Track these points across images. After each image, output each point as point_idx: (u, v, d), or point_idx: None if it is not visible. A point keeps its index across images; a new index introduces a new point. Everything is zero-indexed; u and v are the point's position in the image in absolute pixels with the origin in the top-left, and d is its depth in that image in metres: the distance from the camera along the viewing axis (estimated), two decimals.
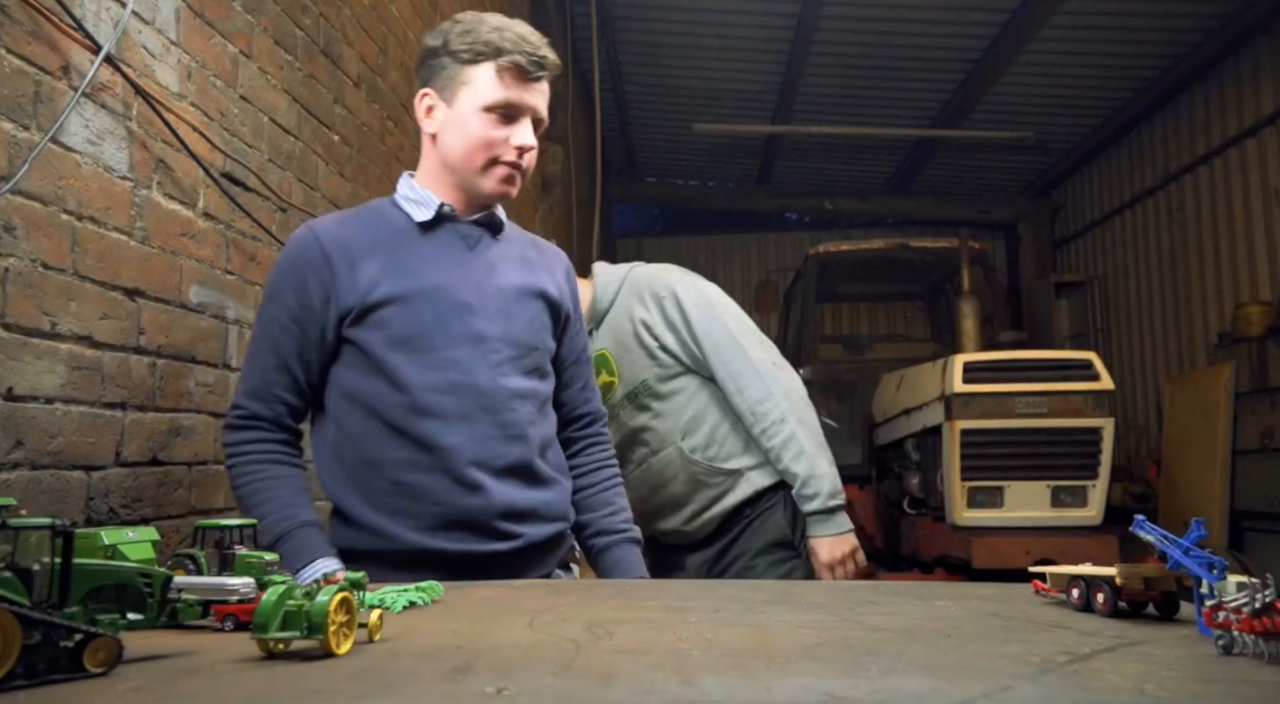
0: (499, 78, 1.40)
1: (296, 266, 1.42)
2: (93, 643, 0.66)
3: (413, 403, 1.38)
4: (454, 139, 1.44)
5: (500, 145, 1.42)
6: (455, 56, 1.42)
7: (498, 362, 1.43)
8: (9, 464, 1.29)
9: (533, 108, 1.44)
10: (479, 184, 1.45)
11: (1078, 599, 0.95)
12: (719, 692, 0.59)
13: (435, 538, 1.37)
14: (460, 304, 1.42)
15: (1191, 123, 6.49)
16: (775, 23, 6.16)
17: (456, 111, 1.43)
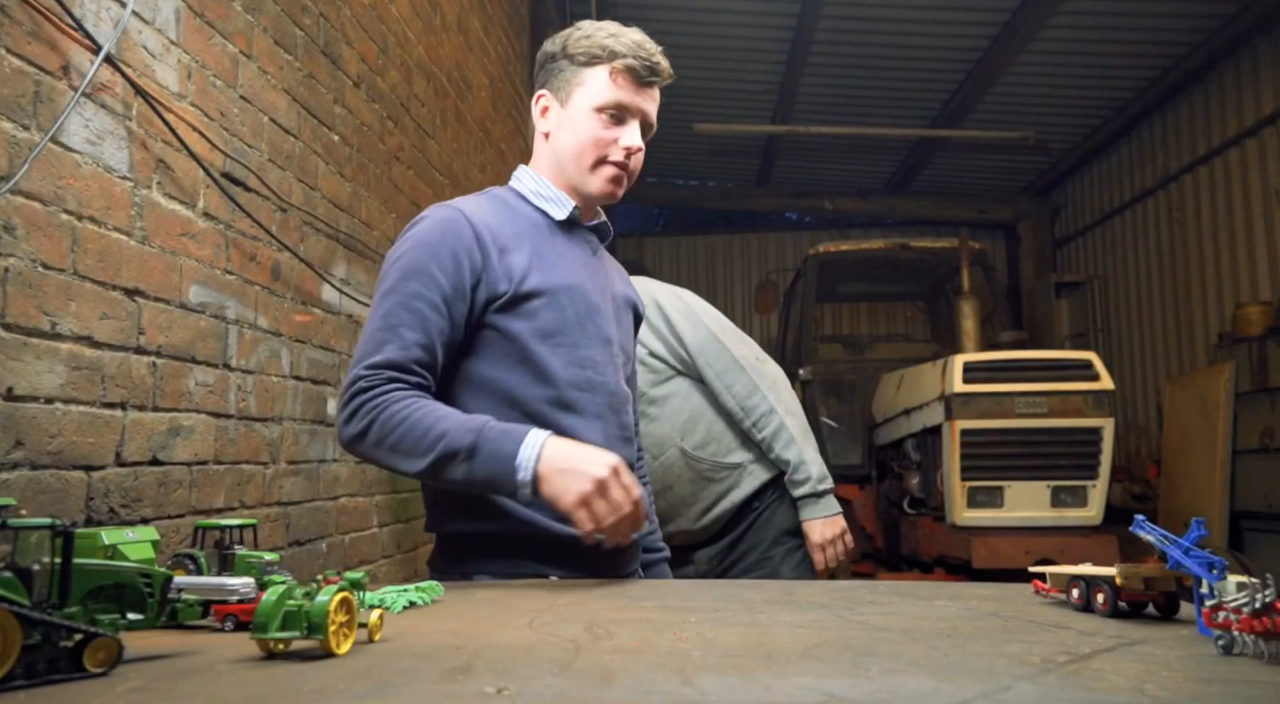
0: (612, 80, 1.45)
1: (451, 245, 1.35)
2: (93, 643, 0.66)
3: (558, 396, 1.40)
4: (566, 137, 1.48)
5: (609, 145, 1.46)
6: (572, 59, 1.47)
7: (618, 365, 1.50)
8: (9, 464, 1.29)
9: (643, 111, 1.48)
10: (587, 183, 1.48)
11: (1078, 599, 0.95)
12: (719, 692, 0.59)
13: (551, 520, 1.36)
14: (593, 306, 1.46)
15: (1191, 123, 6.49)
16: (775, 23, 6.16)
17: (570, 111, 1.47)
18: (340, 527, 2.55)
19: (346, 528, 2.60)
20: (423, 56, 3.38)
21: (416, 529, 3.27)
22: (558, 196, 1.50)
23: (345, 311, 2.61)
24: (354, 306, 2.67)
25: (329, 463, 2.48)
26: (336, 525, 2.52)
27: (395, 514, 3.03)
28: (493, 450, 1.22)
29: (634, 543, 1.49)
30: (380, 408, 1.26)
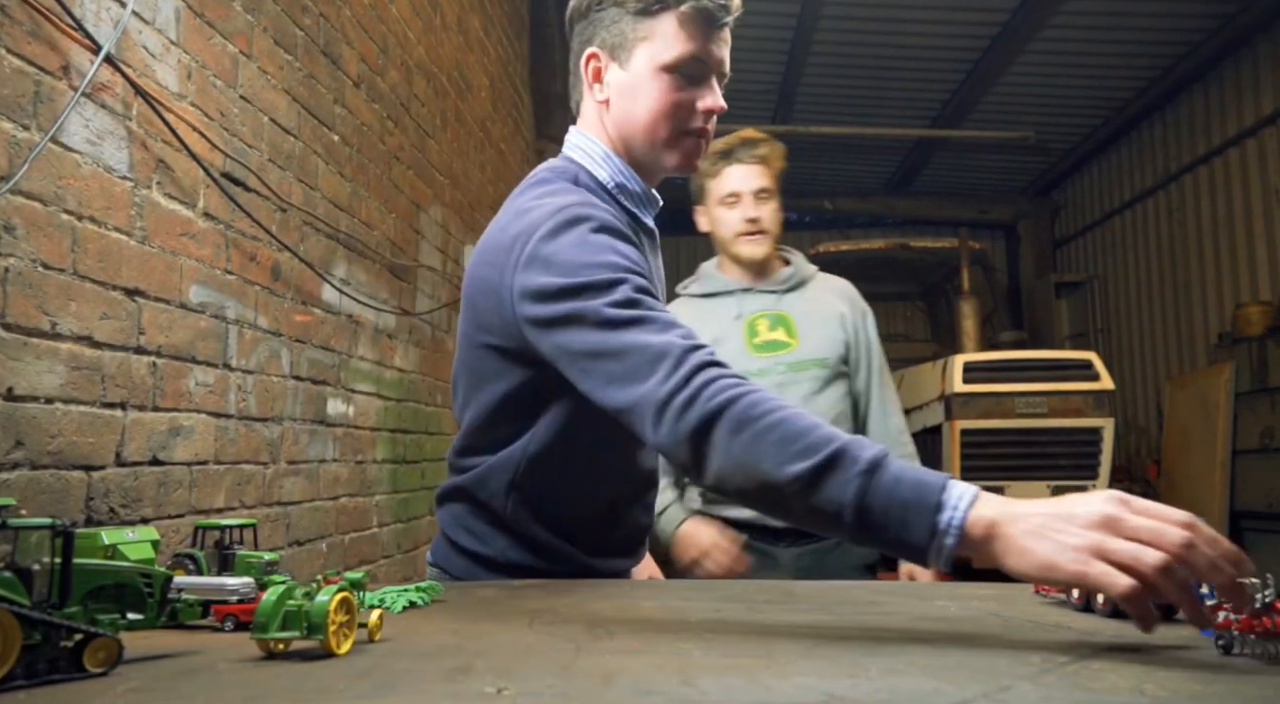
0: (682, 29, 1.17)
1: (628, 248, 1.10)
2: (93, 643, 0.66)
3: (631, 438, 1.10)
4: (632, 107, 1.21)
5: (688, 112, 1.20)
6: (624, 6, 1.20)
7: None
8: (9, 464, 1.29)
9: (720, 61, 1.21)
10: (662, 159, 1.24)
11: (1078, 599, 0.95)
12: (719, 692, 0.59)
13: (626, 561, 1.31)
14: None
15: (1191, 123, 6.49)
16: (775, 22, 6.16)
17: (633, 74, 1.20)
18: (340, 527, 2.55)
19: (346, 528, 2.60)
20: (423, 56, 3.38)
21: (416, 529, 3.27)
22: (644, 193, 1.26)
23: (345, 311, 2.61)
24: (354, 307, 2.67)
25: (329, 463, 2.48)
26: (336, 525, 2.52)
27: (395, 514, 3.03)
28: (903, 474, 0.84)
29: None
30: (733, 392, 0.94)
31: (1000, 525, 0.79)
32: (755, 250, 2.12)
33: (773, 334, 2.14)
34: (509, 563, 1.25)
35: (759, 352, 2.11)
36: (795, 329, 2.14)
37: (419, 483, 3.29)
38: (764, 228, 2.11)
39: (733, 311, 2.16)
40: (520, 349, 1.12)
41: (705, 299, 2.22)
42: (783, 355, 2.11)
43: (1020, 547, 0.78)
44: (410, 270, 3.23)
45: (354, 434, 2.66)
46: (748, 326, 2.14)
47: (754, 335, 2.13)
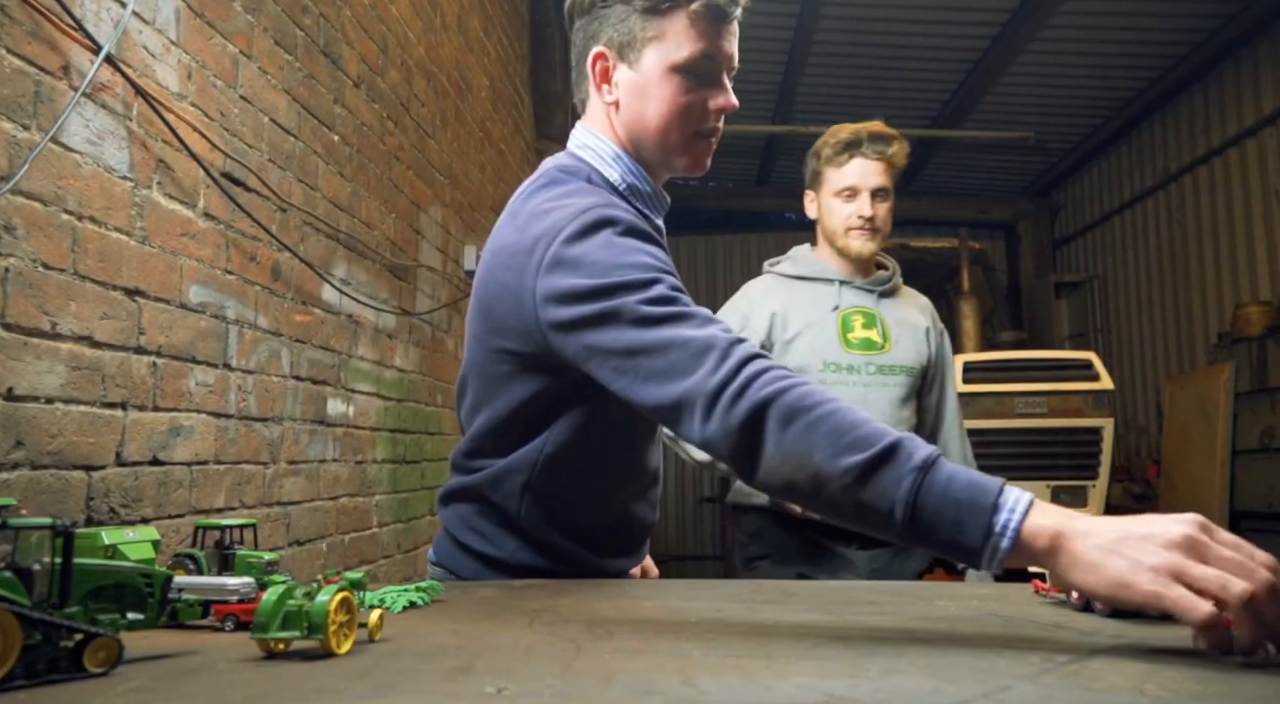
0: (693, 27, 1.14)
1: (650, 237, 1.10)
2: (93, 643, 0.66)
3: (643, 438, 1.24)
4: (644, 108, 1.18)
5: (700, 113, 1.17)
6: (632, 4, 1.16)
7: None
8: (9, 464, 1.29)
9: (730, 57, 1.18)
10: (673, 161, 1.21)
11: (1078, 599, 0.95)
12: (719, 692, 0.59)
13: (625, 561, 1.31)
14: None
15: (1191, 123, 6.49)
16: (775, 22, 6.16)
17: (643, 74, 1.17)
18: (340, 527, 2.55)
19: (346, 528, 2.60)
20: (423, 57, 3.38)
21: (416, 529, 3.27)
22: (655, 194, 1.24)
23: (345, 311, 2.61)
24: (354, 307, 2.67)
25: (329, 463, 2.48)
26: (336, 525, 2.52)
27: (395, 514, 3.03)
28: (957, 474, 0.83)
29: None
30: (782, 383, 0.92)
31: (1067, 538, 0.77)
32: (865, 246, 2.08)
33: (866, 332, 2.09)
34: (518, 565, 1.24)
35: (852, 348, 2.07)
36: (889, 332, 2.11)
37: (419, 483, 3.29)
38: (877, 226, 2.08)
39: (830, 301, 2.11)
40: (539, 353, 1.09)
41: (800, 281, 2.17)
42: (875, 356, 2.07)
43: (1090, 561, 0.75)
44: (410, 270, 3.23)
45: (354, 434, 2.66)
46: (842, 320, 2.09)
47: (848, 330, 2.08)
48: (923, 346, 2.14)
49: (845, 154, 2.07)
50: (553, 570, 1.24)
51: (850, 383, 2.03)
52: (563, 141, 1.29)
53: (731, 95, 1.18)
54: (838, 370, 2.05)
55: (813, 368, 2.04)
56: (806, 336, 2.06)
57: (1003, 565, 0.80)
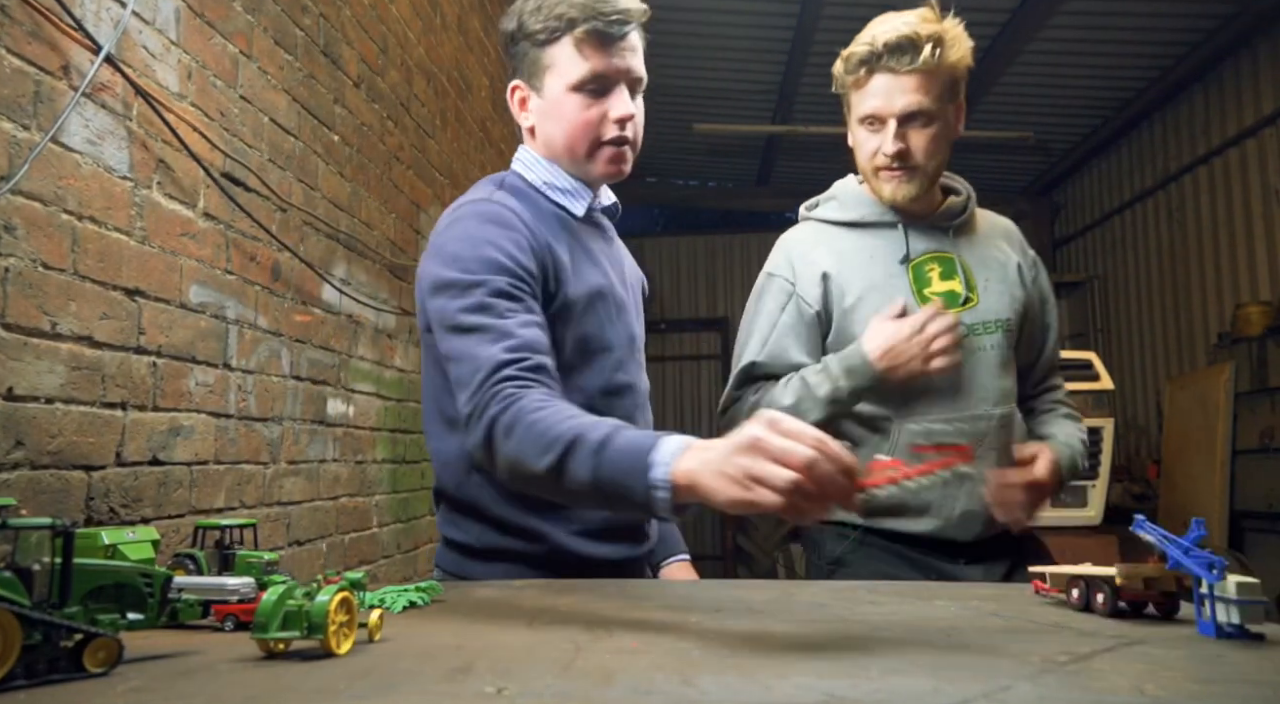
0: (579, 51, 1.27)
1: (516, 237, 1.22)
2: (93, 643, 0.66)
3: (589, 404, 1.19)
4: (552, 128, 1.32)
5: (599, 124, 1.29)
6: (532, 39, 1.30)
7: (641, 362, 1.40)
8: (9, 464, 1.29)
9: (624, 71, 1.29)
10: (588, 170, 1.34)
11: (1078, 599, 0.95)
12: (719, 692, 0.59)
13: (602, 545, 1.30)
14: (621, 304, 1.35)
15: (1191, 123, 6.49)
16: (775, 22, 6.16)
17: (547, 99, 1.31)
18: (340, 527, 2.55)
19: (346, 528, 2.60)
20: (423, 56, 3.38)
21: (417, 529, 3.27)
22: (574, 188, 1.35)
23: (345, 311, 2.61)
24: (354, 307, 2.67)
25: (329, 463, 2.48)
26: (336, 525, 2.52)
27: (395, 514, 3.03)
28: (625, 444, 0.95)
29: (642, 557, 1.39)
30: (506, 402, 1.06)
31: (697, 474, 0.88)
32: (899, 191, 1.58)
33: (947, 284, 1.61)
34: (487, 548, 1.29)
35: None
36: (974, 279, 1.62)
37: (419, 483, 3.29)
38: (914, 163, 1.56)
39: (897, 250, 1.62)
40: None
41: (853, 230, 1.67)
42: (962, 313, 1.59)
43: (712, 489, 0.86)
44: (410, 270, 3.23)
45: (354, 434, 2.66)
46: (914, 272, 1.61)
47: (924, 283, 1.60)
48: (1015, 288, 1.65)
49: (863, 70, 1.57)
50: (525, 553, 1.28)
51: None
52: None
53: (629, 105, 1.29)
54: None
55: None
56: (871, 301, 1.59)
57: (673, 509, 0.92)
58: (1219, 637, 0.78)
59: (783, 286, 1.70)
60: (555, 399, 1.07)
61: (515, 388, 1.07)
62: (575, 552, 1.28)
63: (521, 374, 1.09)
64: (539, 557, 1.28)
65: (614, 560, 1.32)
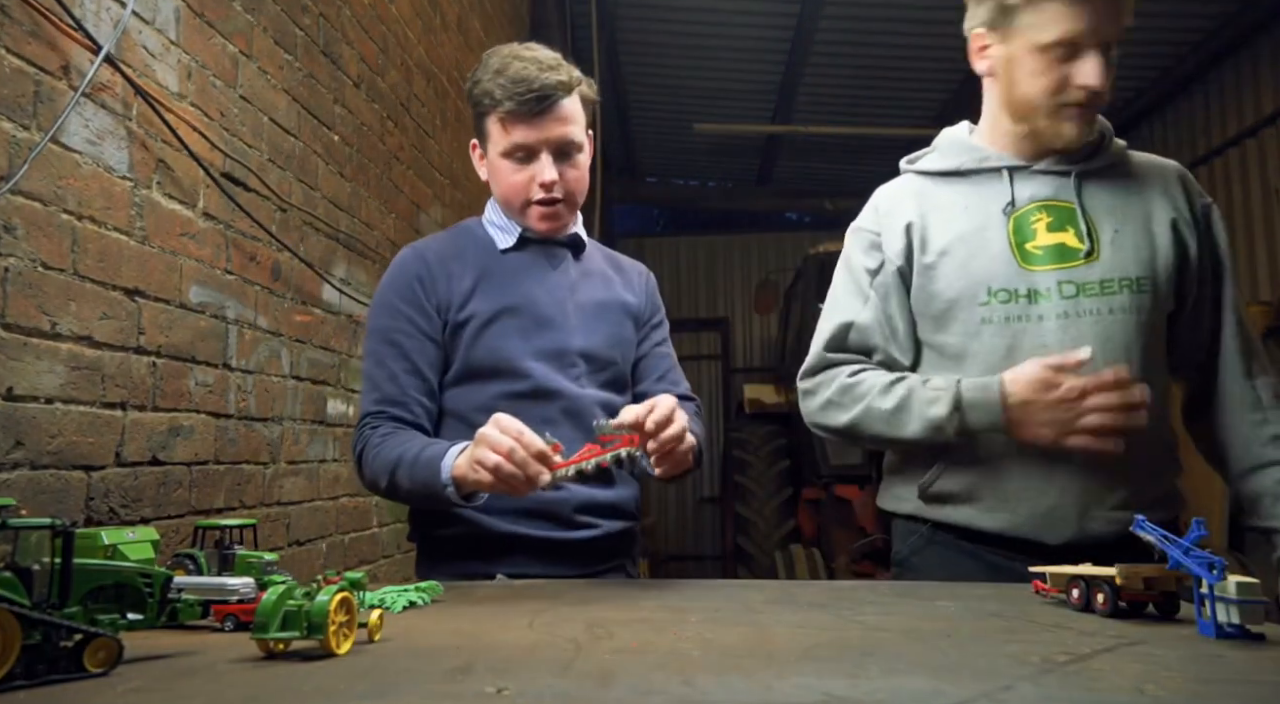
0: (502, 127, 1.44)
1: (406, 279, 1.47)
2: (93, 643, 0.66)
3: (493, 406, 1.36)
4: (495, 186, 1.52)
5: (527, 186, 1.46)
6: (475, 108, 1.48)
7: (576, 375, 1.49)
8: (9, 464, 1.29)
9: (547, 140, 1.44)
10: (526, 223, 1.51)
11: (1078, 599, 0.95)
12: (719, 692, 0.59)
13: (520, 525, 1.41)
14: (543, 319, 1.47)
15: (1191, 123, 6.49)
16: (775, 22, 6.16)
17: (490, 161, 1.50)
18: (340, 527, 2.55)
19: (346, 528, 2.60)
20: (423, 56, 3.38)
21: None
22: (507, 225, 1.53)
23: (345, 311, 2.61)
24: (354, 306, 2.67)
25: (329, 463, 2.48)
26: (336, 525, 2.52)
27: (395, 514, 3.03)
28: (429, 457, 1.28)
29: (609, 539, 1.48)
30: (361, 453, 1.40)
31: (461, 469, 1.22)
32: (1084, 131, 1.38)
33: (1056, 236, 1.38)
34: (425, 538, 1.47)
35: (1031, 264, 1.37)
36: (1098, 230, 1.38)
37: None
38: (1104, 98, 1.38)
39: (999, 198, 1.42)
40: None
41: (952, 179, 1.48)
42: (1073, 270, 1.36)
43: (468, 479, 1.21)
44: None
45: None
46: (1015, 223, 1.40)
47: (1025, 237, 1.39)
48: (1165, 244, 1.38)
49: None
50: (456, 536, 1.41)
51: (1038, 317, 1.35)
52: None
53: (550, 172, 1.44)
54: (1014, 300, 1.37)
55: (971, 302, 1.38)
56: (956, 256, 1.40)
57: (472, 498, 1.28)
58: (1219, 637, 0.78)
59: (870, 239, 1.50)
60: (397, 433, 1.38)
61: (370, 430, 1.40)
62: (511, 533, 1.40)
63: (378, 422, 1.41)
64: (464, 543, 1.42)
65: (545, 540, 1.41)
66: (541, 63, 1.42)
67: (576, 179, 1.50)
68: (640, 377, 1.64)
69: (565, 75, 1.44)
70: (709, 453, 9.71)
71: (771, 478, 6.79)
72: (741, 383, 8.59)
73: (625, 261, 1.71)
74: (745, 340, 10.07)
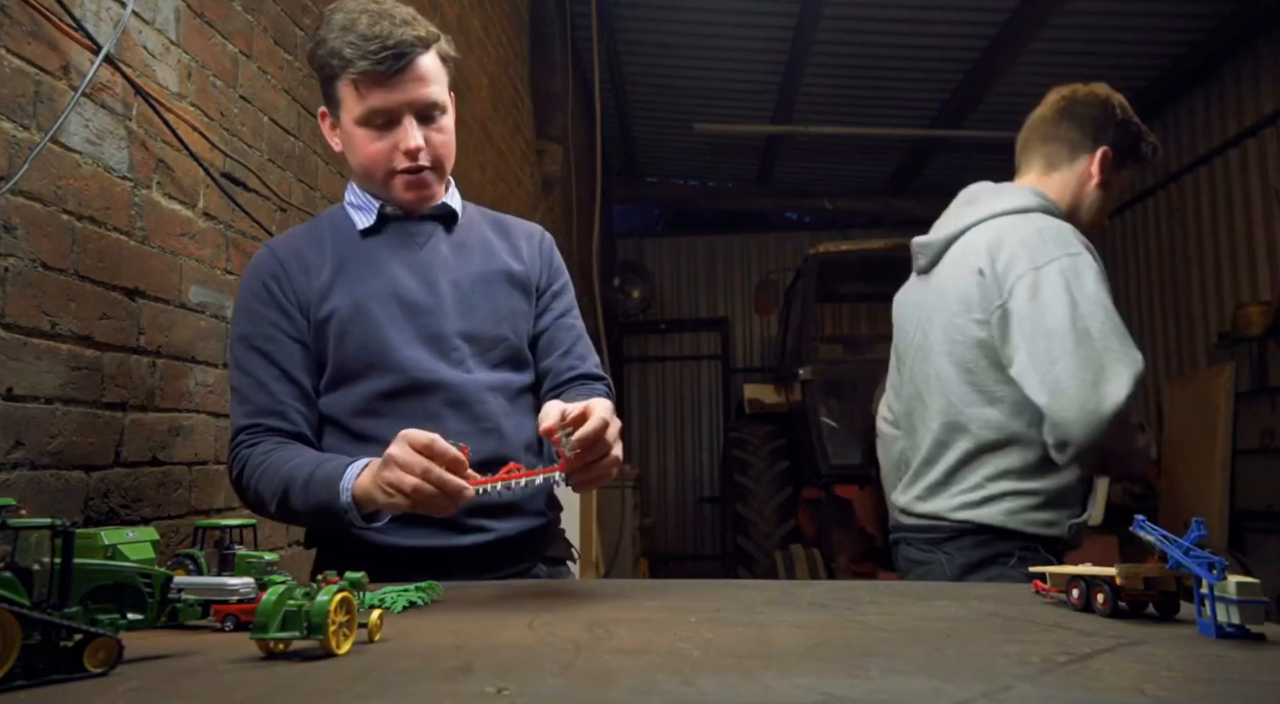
0: (355, 90, 1.30)
1: (260, 279, 1.37)
2: (93, 643, 0.66)
3: (370, 407, 1.33)
4: (351, 157, 1.39)
5: (389, 155, 1.35)
6: (320, 73, 1.34)
7: (459, 359, 1.37)
8: (9, 464, 1.29)
9: (409, 102, 1.32)
10: (390, 196, 1.40)
11: (1078, 599, 0.95)
12: (719, 692, 0.59)
13: (399, 535, 1.31)
14: (412, 305, 1.36)
15: (1191, 123, 6.49)
16: (775, 23, 6.16)
17: (344, 130, 1.37)
18: None
19: None
20: None
21: None
22: (365, 203, 1.42)
23: None
24: None
25: None
26: None
27: None
28: (325, 476, 1.19)
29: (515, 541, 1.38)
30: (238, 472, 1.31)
31: (366, 489, 1.14)
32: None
33: None
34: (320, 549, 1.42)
35: None
36: None
37: None
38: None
39: None
40: None
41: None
42: None
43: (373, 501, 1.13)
44: None
45: None
46: None
47: None
48: None
49: None
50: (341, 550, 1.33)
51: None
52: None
53: (415, 137, 1.33)
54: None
55: None
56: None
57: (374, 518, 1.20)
58: (1219, 637, 0.78)
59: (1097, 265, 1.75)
60: (280, 448, 1.28)
61: (248, 449, 1.29)
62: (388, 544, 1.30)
63: (255, 438, 1.30)
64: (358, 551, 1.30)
65: (427, 549, 1.31)
66: (394, 17, 1.29)
67: (443, 143, 1.39)
68: (543, 352, 1.49)
69: (423, 30, 1.32)
70: (709, 452, 9.72)
71: (771, 478, 6.79)
72: (741, 383, 8.59)
73: (515, 225, 1.56)
74: (745, 340, 10.06)
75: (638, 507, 6.00)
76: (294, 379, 1.34)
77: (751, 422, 7.31)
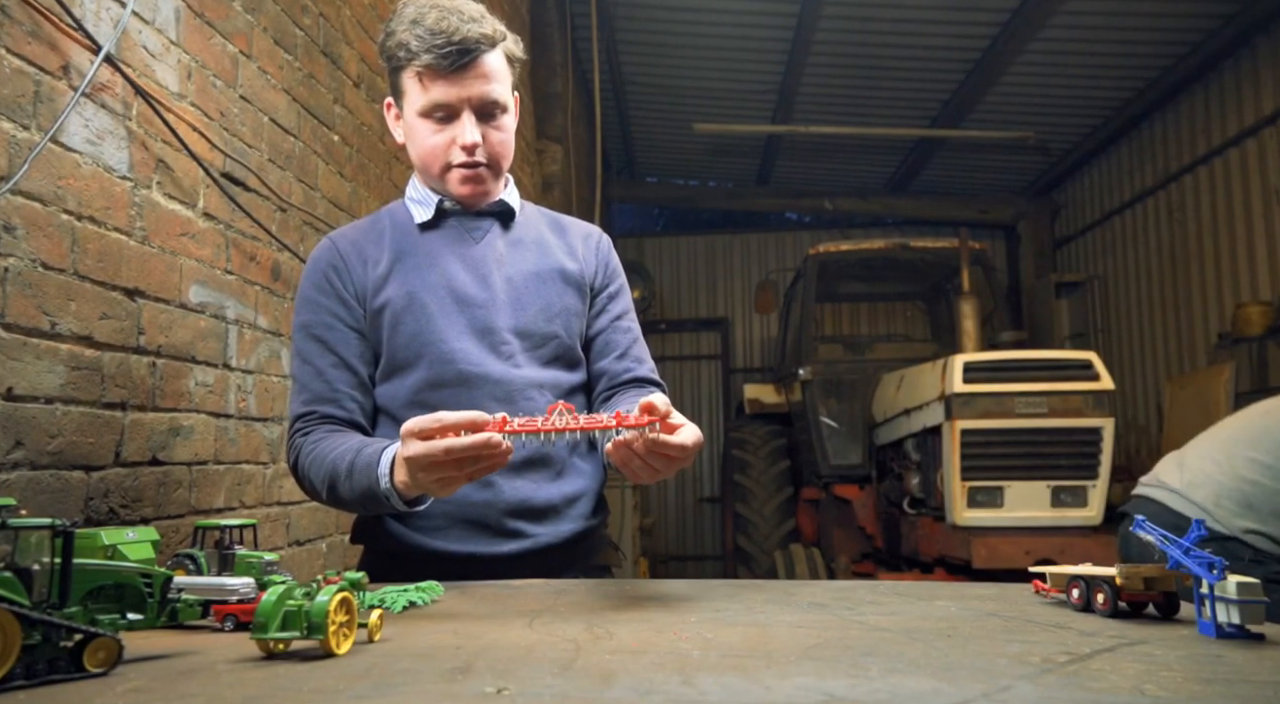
0: (419, 83, 1.33)
1: (320, 270, 1.39)
2: (93, 643, 0.66)
3: (419, 399, 1.33)
4: (411, 149, 1.42)
5: (447, 149, 1.37)
6: (389, 64, 1.37)
7: (509, 353, 1.37)
8: (9, 464, 1.29)
9: (470, 98, 1.34)
10: (446, 189, 1.42)
11: (1078, 599, 0.95)
12: (719, 692, 0.59)
13: (438, 539, 1.32)
14: (464, 298, 1.37)
15: (1191, 123, 6.49)
16: (775, 23, 6.16)
17: (406, 121, 1.40)
18: (340, 527, 2.55)
19: (346, 528, 2.60)
20: None
21: None
22: (425, 197, 1.45)
23: None
24: None
25: None
26: (336, 525, 2.52)
27: None
28: (366, 463, 1.19)
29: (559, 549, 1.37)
30: (294, 459, 1.33)
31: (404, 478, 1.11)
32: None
33: None
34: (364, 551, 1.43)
35: None
36: None
37: None
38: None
39: None
40: None
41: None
42: None
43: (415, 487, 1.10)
44: None
45: None
46: None
47: None
48: None
49: None
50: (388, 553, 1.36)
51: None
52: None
53: (474, 133, 1.35)
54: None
55: None
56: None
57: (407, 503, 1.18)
58: (1219, 637, 0.78)
59: None
60: (329, 436, 1.29)
61: (302, 438, 1.32)
62: (428, 548, 1.33)
63: (309, 426, 1.33)
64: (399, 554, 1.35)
65: (469, 556, 1.32)
66: (463, 13, 1.31)
67: (501, 141, 1.41)
68: (599, 353, 1.48)
69: (489, 28, 1.33)
70: (709, 452, 9.71)
71: (771, 478, 6.79)
72: (741, 383, 8.60)
73: (572, 225, 1.57)
74: (745, 340, 10.07)
75: (637, 506, 6.00)
76: (350, 367, 1.36)
77: (751, 421, 7.31)
